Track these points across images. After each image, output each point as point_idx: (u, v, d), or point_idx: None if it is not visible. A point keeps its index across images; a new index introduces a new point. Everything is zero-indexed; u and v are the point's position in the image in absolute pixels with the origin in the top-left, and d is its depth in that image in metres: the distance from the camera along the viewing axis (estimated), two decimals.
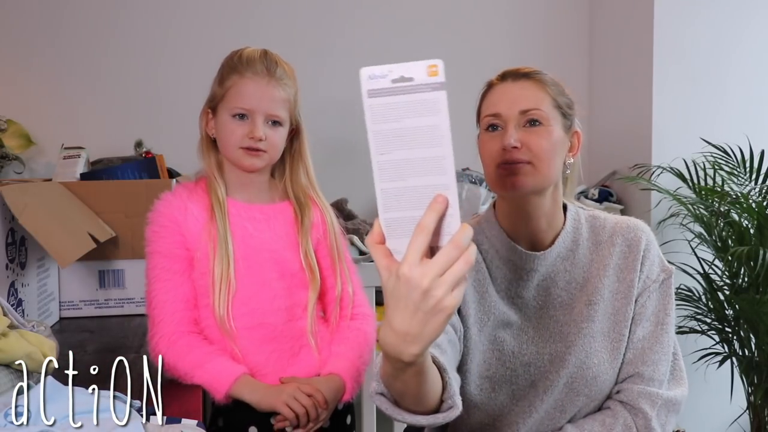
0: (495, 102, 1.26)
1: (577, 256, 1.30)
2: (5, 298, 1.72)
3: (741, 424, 2.56)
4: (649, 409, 1.25)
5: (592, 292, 1.28)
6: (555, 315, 1.29)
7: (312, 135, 2.76)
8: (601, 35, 2.87)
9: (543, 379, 1.28)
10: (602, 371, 1.27)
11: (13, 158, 2.49)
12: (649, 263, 1.30)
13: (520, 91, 1.24)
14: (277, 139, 1.55)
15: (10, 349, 1.23)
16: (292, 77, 1.59)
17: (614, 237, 1.31)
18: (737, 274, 2.34)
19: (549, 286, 1.30)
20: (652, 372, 1.27)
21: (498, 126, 1.25)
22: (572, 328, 1.28)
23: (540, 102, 1.23)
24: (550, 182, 1.24)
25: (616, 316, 1.28)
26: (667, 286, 1.31)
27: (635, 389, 1.27)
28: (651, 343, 1.28)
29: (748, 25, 2.63)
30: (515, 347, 1.29)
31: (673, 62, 2.58)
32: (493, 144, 1.24)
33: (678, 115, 2.59)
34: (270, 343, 1.52)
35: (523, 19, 2.88)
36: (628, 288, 1.29)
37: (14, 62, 2.63)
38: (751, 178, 2.41)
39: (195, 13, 2.70)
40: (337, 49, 2.78)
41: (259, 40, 2.89)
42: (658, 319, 1.29)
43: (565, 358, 1.27)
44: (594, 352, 1.27)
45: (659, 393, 1.26)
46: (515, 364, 1.28)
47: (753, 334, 2.29)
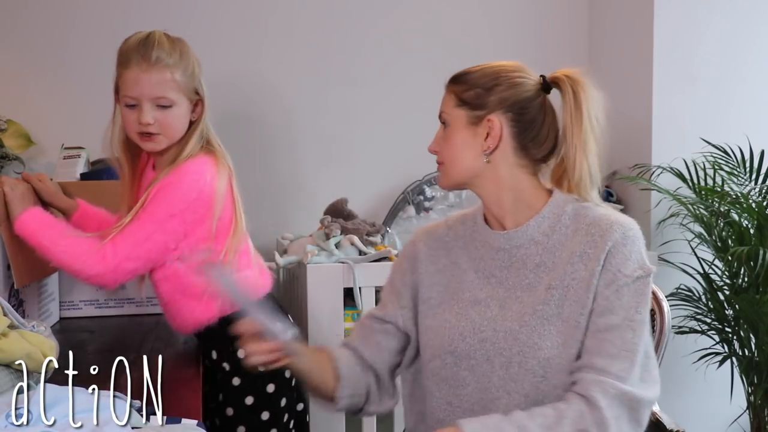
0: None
1: (551, 242, 1.33)
2: (6, 299, 1.72)
3: (741, 424, 2.56)
4: (602, 399, 1.21)
5: (554, 277, 1.30)
6: (520, 296, 1.33)
7: (312, 135, 2.78)
8: (601, 35, 2.87)
9: (498, 356, 1.31)
10: (556, 354, 1.26)
11: (13, 158, 2.49)
12: (623, 257, 1.27)
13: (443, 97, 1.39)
14: (171, 120, 1.65)
15: (10, 349, 1.23)
16: (176, 55, 1.66)
17: (591, 226, 1.30)
18: (737, 274, 2.34)
19: (519, 267, 1.34)
20: (607, 365, 1.24)
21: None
22: (528, 309, 1.30)
23: (444, 105, 1.38)
24: (464, 176, 1.36)
25: (576, 303, 1.28)
26: (643, 284, 1.28)
27: (588, 378, 1.24)
28: (613, 336, 1.25)
29: (748, 25, 2.62)
30: (477, 323, 1.34)
31: (673, 62, 2.58)
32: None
33: (678, 115, 2.59)
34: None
35: (523, 19, 2.88)
36: (590, 276, 1.28)
37: (14, 62, 2.63)
38: (751, 178, 2.41)
39: (195, 13, 2.70)
40: (336, 49, 2.78)
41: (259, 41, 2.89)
42: (626, 314, 1.26)
43: (517, 336, 1.29)
44: (548, 334, 1.28)
45: (615, 384, 1.22)
46: (474, 340, 1.33)
47: (753, 334, 2.29)
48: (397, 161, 2.77)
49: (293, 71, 2.75)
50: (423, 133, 2.93)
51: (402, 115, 2.80)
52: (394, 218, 2.65)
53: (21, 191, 1.71)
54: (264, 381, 1.74)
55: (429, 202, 2.64)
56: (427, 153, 1.46)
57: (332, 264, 2.25)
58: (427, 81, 2.84)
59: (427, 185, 2.64)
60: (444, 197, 2.65)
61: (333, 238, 2.30)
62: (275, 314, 1.27)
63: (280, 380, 1.76)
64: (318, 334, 2.23)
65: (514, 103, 1.32)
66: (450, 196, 2.65)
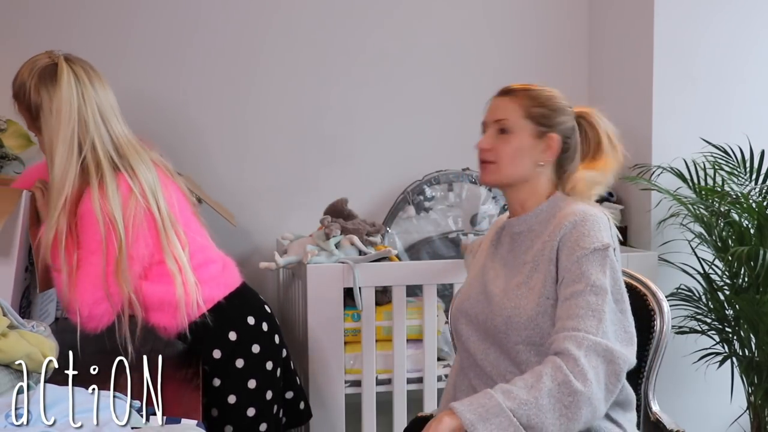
0: (486, 112, 1.60)
1: (539, 233, 1.53)
2: (19, 300, 1.72)
3: (741, 424, 2.56)
4: (575, 349, 1.32)
5: (531, 256, 1.52)
6: (509, 273, 1.55)
7: (312, 135, 2.78)
8: (601, 35, 2.87)
9: (490, 319, 1.51)
10: (539, 315, 1.44)
11: (13, 158, 2.49)
12: (579, 234, 1.44)
13: (499, 104, 1.57)
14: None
15: (10, 349, 1.23)
16: (18, 89, 1.72)
17: (564, 216, 1.48)
18: (737, 274, 2.34)
19: (517, 250, 1.57)
20: (576, 324, 1.36)
21: (484, 131, 1.59)
22: (510, 282, 1.53)
23: (509, 113, 1.54)
24: (514, 179, 1.55)
25: (540, 274, 1.47)
26: (601, 255, 1.42)
27: (560, 336, 1.36)
28: (578, 301, 1.38)
29: (748, 25, 2.62)
30: (479, 290, 1.58)
31: (673, 62, 2.58)
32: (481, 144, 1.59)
33: (678, 115, 2.59)
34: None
35: (523, 20, 2.88)
36: (551, 251, 1.47)
37: (14, 62, 2.62)
38: (752, 178, 2.41)
39: (194, 13, 2.70)
40: (337, 50, 2.77)
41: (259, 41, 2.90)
42: (588, 281, 1.40)
43: (502, 303, 1.50)
44: (513, 298, 1.48)
45: (586, 336, 1.34)
46: (473, 303, 1.58)
47: (753, 334, 2.29)
48: (397, 161, 2.77)
49: (293, 71, 2.75)
50: (423, 133, 2.96)
51: (402, 115, 2.80)
52: (394, 218, 2.65)
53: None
54: (244, 378, 1.74)
55: (429, 202, 2.64)
56: (427, 153, 1.47)
57: (332, 264, 2.25)
58: (428, 81, 2.85)
59: (427, 185, 2.64)
60: (444, 197, 2.65)
61: (333, 238, 2.29)
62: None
63: (261, 374, 1.77)
64: (318, 334, 2.23)
65: (568, 129, 1.56)
66: (450, 196, 2.65)
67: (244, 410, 1.74)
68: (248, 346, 1.76)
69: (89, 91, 1.66)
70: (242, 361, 1.75)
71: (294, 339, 2.42)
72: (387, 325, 2.34)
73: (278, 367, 1.82)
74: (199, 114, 2.71)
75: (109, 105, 1.69)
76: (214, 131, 2.72)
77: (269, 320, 1.83)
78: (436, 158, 2.71)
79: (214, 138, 2.72)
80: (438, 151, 2.74)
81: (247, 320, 1.78)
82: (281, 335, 1.86)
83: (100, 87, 1.69)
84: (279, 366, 1.83)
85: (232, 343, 1.74)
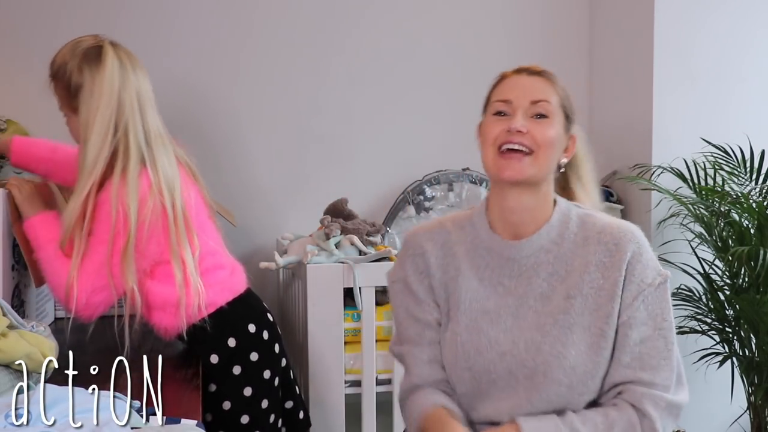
0: (507, 90, 1.31)
1: (562, 249, 1.33)
2: (9, 300, 1.72)
3: (741, 425, 2.55)
4: (653, 411, 1.26)
5: (572, 286, 1.30)
6: (534, 305, 1.32)
7: (312, 135, 2.78)
8: (601, 35, 2.87)
9: (520, 367, 1.30)
10: (581, 362, 1.27)
11: None
12: (642, 267, 1.29)
13: (533, 83, 1.31)
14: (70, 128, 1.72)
15: (10, 349, 1.23)
16: (58, 68, 1.69)
17: (602, 234, 1.31)
18: (737, 274, 2.34)
19: (531, 276, 1.33)
20: (652, 377, 1.29)
21: (505, 112, 1.30)
22: (548, 319, 1.30)
23: (550, 96, 1.30)
24: (545, 175, 1.31)
25: (598, 312, 1.29)
26: (663, 290, 1.31)
27: (638, 390, 1.28)
28: (648, 348, 1.29)
29: (748, 25, 2.62)
30: (492, 337, 1.32)
31: (673, 62, 2.58)
32: (496, 127, 1.29)
33: (678, 115, 2.59)
34: None
35: (523, 18, 2.88)
36: (613, 286, 1.29)
37: (14, 62, 2.62)
38: (752, 178, 2.41)
39: (194, 13, 2.70)
40: (336, 50, 2.77)
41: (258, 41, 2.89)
42: (655, 323, 1.30)
43: (540, 347, 1.29)
44: (571, 343, 1.28)
45: (663, 396, 1.28)
46: (492, 354, 1.31)
47: (753, 335, 2.29)
48: (397, 161, 2.77)
49: (293, 71, 2.75)
50: (423, 133, 2.96)
51: (402, 115, 2.80)
52: (394, 218, 2.65)
53: (28, 192, 1.71)
54: (240, 385, 1.73)
55: (429, 202, 2.64)
56: (427, 153, 1.45)
57: (332, 264, 2.25)
58: (428, 81, 2.85)
59: (427, 185, 2.64)
60: (444, 197, 2.65)
61: (333, 238, 2.29)
62: None
63: (257, 383, 1.75)
64: (318, 334, 2.23)
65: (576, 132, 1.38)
66: (450, 196, 2.65)
67: (237, 417, 1.72)
68: (246, 354, 1.74)
69: (130, 77, 1.65)
70: (239, 368, 1.73)
71: (294, 339, 2.42)
72: (387, 325, 2.34)
73: (276, 377, 1.80)
74: (198, 114, 2.70)
75: (147, 94, 1.69)
76: (214, 131, 2.72)
77: (270, 329, 1.81)
78: (436, 158, 2.71)
79: (214, 138, 2.72)
80: (438, 151, 2.74)
81: (248, 328, 1.76)
82: (282, 344, 1.84)
83: (142, 75, 1.69)
84: (277, 375, 1.80)
85: (230, 349, 1.73)
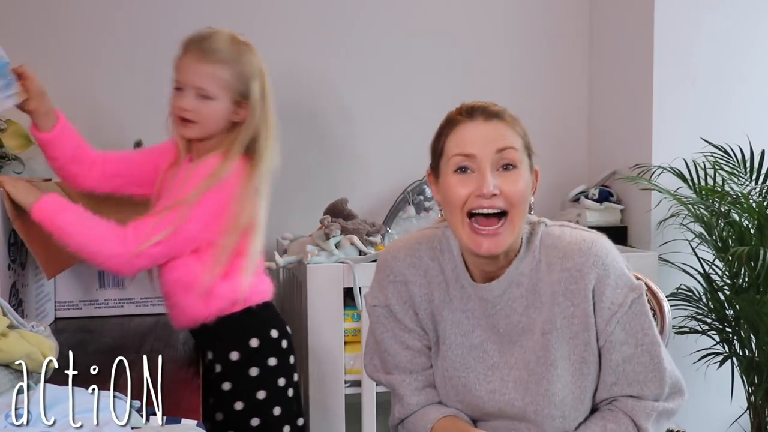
0: (468, 142, 1.20)
1: (532, 280, 1.28)
2: (7, 299, 1.72)
3: (741, 425, 2.56)
4: (644, 421, 1.28)
5: (546, 321, 1.27)
6: (517, 341, 1.30)
7: (312, 135, 2.78)
8: (601, 35, 2.87)
9: (510, 406, 1.29)
10: (568, 393, 1.28)
11: (13, 158, 2.48)
12: (611, 289, 1.24)
13: (495, 129, 1.20)
14: (208, 112, 1.68)
15: (10, 349, 1.23)
16: (230, 56, 1.70)
17: (564, 260, 1.26)
18: (737, 274, 2.34)
19: (509, 313, 1.29)
20: (640, 391, 1.29)
21: (469, 168, 1.20)
22: (531, 356, 1.28)
23: (514, 141, 1.20)
24: (520, 232, 1.24)
25: (575, 340, 1.26)
26: (639, 305, 1.26)
27: (629, 403, 1.29)
28: (633, 365, 1.28)
29: (748, 25, 2.62)
30: (480, 373, 1.31)
31: (673, 62, 2.58)
32: (462, 189, 1.20)
33: (678, 115, 2.59)
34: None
35: (523, 19, 2.88)
36: (583, 314, 1.25)
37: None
38: (752, 178, 2.41)
39: (195, 12, 2.70)
40: (336, 50, 2.77)
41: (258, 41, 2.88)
42: (636, 340, 1.27)
43: (528, 386, 1.28)
44: (556, 378, 1.27)
45: (654, 405, 1.28)
46: (481, 392, 1.30)
47: (753, 334, 2.29)
48: (397, 161, 2.77)
49: (293, 71, 2.74)
50: (423, 133, 2.94)
51: (402, 115, 2.80)
52: (394, 218, 2.65)
53: (22, 186, 1.70)
54: (254, 387, 1.72)
55: (429, 202, 2.64)
56: (428, 153, 1.42)
57: (332, 264, 2.25)
58: (429, 81, 2.85)
59: (427, 185, 2.64)
60: None
61: (333, 238, 2.29)
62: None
63: (271, 388, 1.73)
64: (318, 334, 2.23)
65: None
66: None
67: (248, 420, 1.71)
68: (265, 357, 1.73)
69: (266, 68, 1.79)
70: (257, 370, 1.71)
71: (294, 339, 2.41)
72: None
73: (290, 387, 1.78)
74: None
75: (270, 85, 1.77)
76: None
77: (289, 339, 1.81)
78: None
79: None
80: None
81: (271, 332, 1.75)
82: (295, 358, 1.84)
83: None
84: (291, 386, 1.78)
85: (252, 349, 1.72)
